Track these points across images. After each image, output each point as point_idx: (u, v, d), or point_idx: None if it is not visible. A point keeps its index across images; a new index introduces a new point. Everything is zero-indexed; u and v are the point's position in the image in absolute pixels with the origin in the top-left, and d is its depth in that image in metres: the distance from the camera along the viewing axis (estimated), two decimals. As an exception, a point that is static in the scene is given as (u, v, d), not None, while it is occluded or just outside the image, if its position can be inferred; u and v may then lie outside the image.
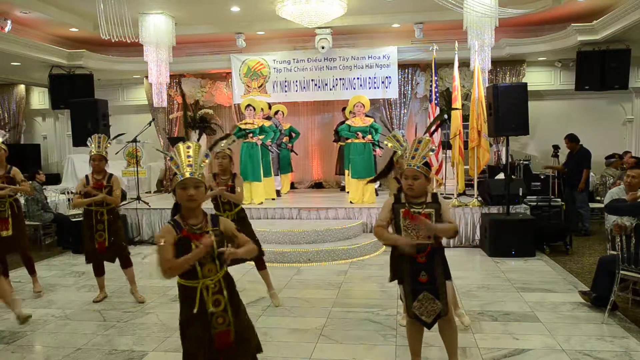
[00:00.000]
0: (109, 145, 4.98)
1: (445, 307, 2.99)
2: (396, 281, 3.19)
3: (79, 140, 7.69)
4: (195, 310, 2.45)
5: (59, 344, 3.94)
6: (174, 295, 5.12)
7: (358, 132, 7.87)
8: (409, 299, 3.04)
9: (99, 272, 5.05)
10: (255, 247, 2.65)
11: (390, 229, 3.10)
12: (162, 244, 2.39)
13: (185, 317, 2.50)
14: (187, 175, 2.44)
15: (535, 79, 10.03)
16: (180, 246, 2.40)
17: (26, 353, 3.80)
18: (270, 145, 8.54)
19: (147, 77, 9.09)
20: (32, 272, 5.38)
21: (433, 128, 8.01)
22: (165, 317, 4.48)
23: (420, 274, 2.99)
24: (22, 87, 11.03)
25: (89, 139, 4.85)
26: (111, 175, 4.90)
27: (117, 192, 4.88)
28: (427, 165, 3.03)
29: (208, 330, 2.46)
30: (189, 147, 2.51)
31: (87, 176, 4.86)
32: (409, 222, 2.98)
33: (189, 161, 2.47)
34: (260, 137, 8.22)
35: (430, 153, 3.05)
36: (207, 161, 2.56)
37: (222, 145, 4.67)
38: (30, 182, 6.93)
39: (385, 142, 4.24)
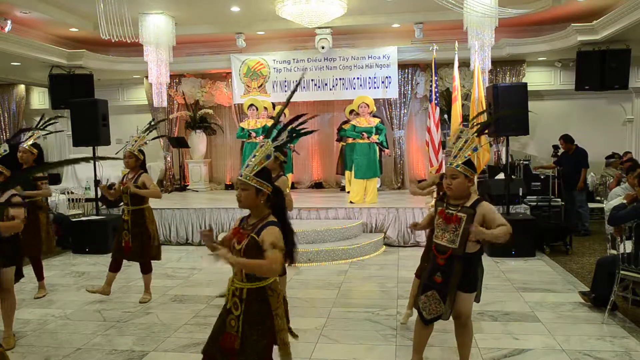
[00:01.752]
0: (145, 144, 4.90)
1: (446, 313, 3.01)
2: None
3: (79, 140, 7.69)
4: (224, 301, 2.52)
5: (59, 344, 3.94)
6: (173, 295, 5.13)
7: (363, 133, 7.87)
8: (420, 291, 3.12)
9: (113, 268, 4.93)
10: (271, 268, 2.31)
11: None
12: None
13: None
14: (240, 175, 2.45)
15: (535, 79, 10.02)
16: None
17: (26, 353, 3.80)
18: None
19: (147, 77, 9.10)
20: (40, 277, 5.32)
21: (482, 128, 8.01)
22: (165, 317, 4.47)
23: (436, 274, 3.04)
24: (22, 87, 11.02)
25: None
26: (141, 173, 4.80)
27: (150, 187, 4.74)
28: (471, 164, 2.97)
29: (224, 326, 2.45)
30: (261, 146, 2.48)
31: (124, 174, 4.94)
32: (441, 220, 3.03)
33: (250, 161, 2.45)
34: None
35: (473, 152, 2.98)
36: (265, 162, 2.48)
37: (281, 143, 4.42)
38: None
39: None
